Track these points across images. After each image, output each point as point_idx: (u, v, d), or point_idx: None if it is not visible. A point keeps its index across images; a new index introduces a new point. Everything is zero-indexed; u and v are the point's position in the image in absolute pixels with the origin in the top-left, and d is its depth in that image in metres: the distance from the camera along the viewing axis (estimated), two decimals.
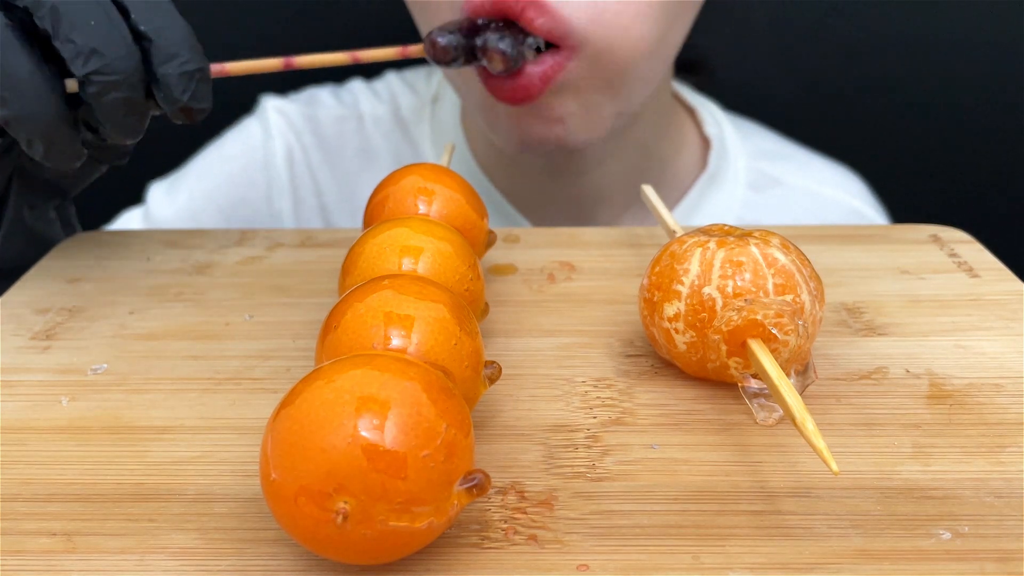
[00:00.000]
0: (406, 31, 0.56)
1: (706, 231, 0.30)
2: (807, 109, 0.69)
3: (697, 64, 0.53)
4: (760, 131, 0.61)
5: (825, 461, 0.22)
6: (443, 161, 0.38)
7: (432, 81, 0.59)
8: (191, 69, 0.32)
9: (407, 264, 0.28)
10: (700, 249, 0.29)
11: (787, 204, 0.56)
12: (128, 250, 0.40)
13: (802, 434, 0.23)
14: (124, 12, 0.32)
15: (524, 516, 0.24)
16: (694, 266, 0.28)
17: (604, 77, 0.42)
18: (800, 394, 0.26)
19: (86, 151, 0.34)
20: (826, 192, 0.58)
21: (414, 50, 0.38)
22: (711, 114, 0.58)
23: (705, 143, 0.57)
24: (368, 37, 0.62)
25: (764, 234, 0.29)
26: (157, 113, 0.34)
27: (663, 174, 0.54)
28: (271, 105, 0.58)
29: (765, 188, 0.56)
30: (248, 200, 0.57)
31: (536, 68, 0.40)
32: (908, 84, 0.68)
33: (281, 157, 0.57)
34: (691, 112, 0.58)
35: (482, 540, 0.23)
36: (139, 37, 0.32)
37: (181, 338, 0.33)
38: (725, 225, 0.31)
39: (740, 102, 0.64)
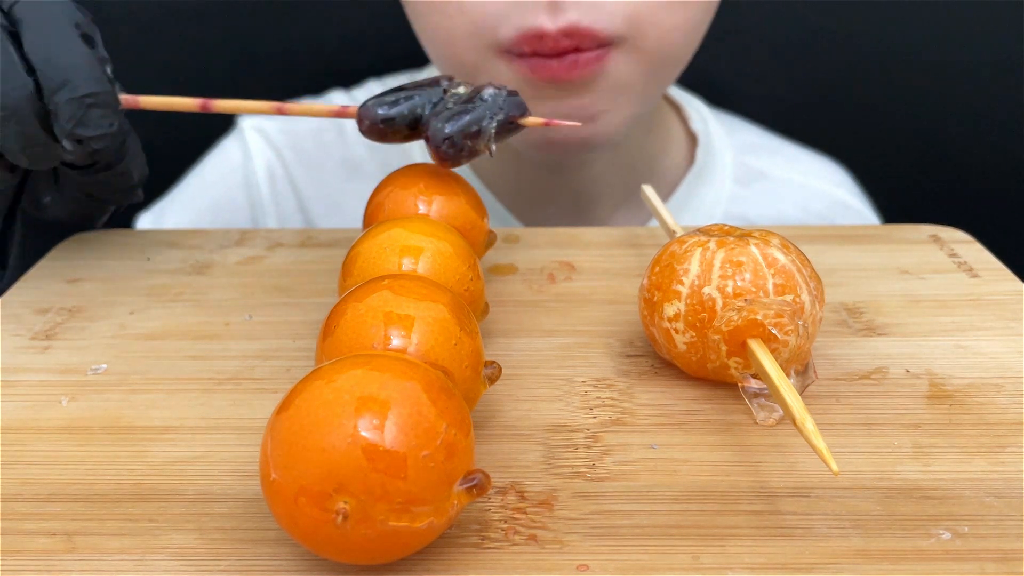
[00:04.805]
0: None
1: (706, 231, 0.30)
2: (805, 109, 0.69)
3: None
4: (744, 125, 0.61)
5: (825, 461, 0.22)
6: None
7: None
8: (80, 95, 0.31)
9: (407, 264, 0.28)
10: (700, 249, 0.29)
11: (773, 197, 0.56)
12: (128, 250, 0.40)
13: (802, 434, 0.23)
14: (20, 41, 0.31)
15: (524, 516, 0.24)
16: (694, 266, 0.28)
17: (643, 73, 0.43)
18: (800, 394, 0.26)
19: (64, 154, 0.33)
20: (812, 183, 0.58)
21: (352, 111, 0.33)
22: (696, 110, 0.58)
23: (691, 139, 0.57)
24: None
25: (764, 234, 0.29)
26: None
27: (652, 171, 0.55)
28: (248, 124, 0.58)
29: (751, 182, 0.56)
30: (234, 224, 0.56)
31: (589, 54, 0.41)
32: (907, 83, 0.68)
33: (262, 176, 0.56)
34: (677, 108, 0.58)
35: (482, 540, 0.23)
36: (33, 68, 0.31)
37: (181, 338, 0.33)
38: (725, 225, 0.31)
39: (737, 102, 0.64)
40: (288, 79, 0.67)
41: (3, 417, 0.28)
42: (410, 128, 0.32)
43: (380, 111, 0.32)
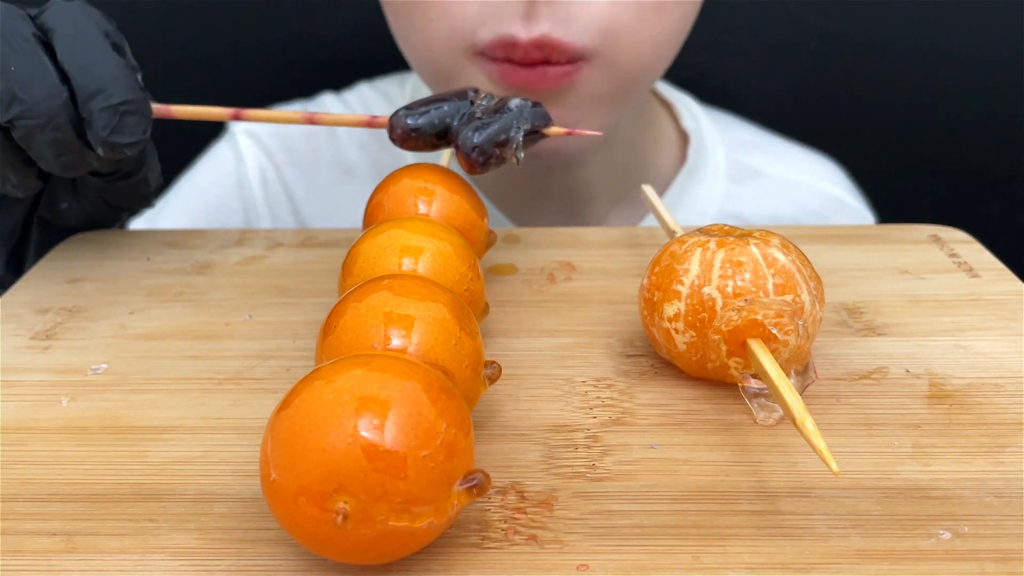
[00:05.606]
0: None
1: (706, 231, 0.30)
2: (803, 109, 0.69)
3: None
4: (737, 122, 0.61)
5: (825, 461, 0.22)
6: (442, 161, 0.38)
7: (406, 88, 0.58)
8: (115, 103, 0.31)
9: (407, 264, 0.28)
10: (700, 249, 0.29)
11: (767, 194, 0.56)
12: (128, 250, 0.40)
13: (802, 434, 0.23)
14: (53, 51, 0.32)
15: (524, 516, 0.24)
16: (694, 266, 0.28)
17: (614, 86, 0.44)
18: (800, 394, 0.26)
19: (93, 161, 0.34)
20: (806, 181, 0.58)
21: (382, 121, 0.34)
22: (687, 108, 0.58)
23: (683, 137, 0.57)
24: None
25: (764, 234, 0.29)
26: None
27: (644, 170, 0.54)
28: (239, 128, 0.58)
29: (745, 180, 0.56)
30: (228, 227, 0.56)
31: (559, 68, 0.41)
32: (907, 83, 0.68)
33: (255, 179, 0.56)
34: (668, 106, 0.58)
35: (482, 540, 0.23)
36: (66, 76, 0.32)
37: (181, 338, 0.33)
38: (725, 225, 0.31)
39: (735, 101, 0.63)
40: (279, 82, 0.67)
41: (3, 417, 0.28)
42: (438, 137, 0.34)
43: (409, 121, 0.33)
